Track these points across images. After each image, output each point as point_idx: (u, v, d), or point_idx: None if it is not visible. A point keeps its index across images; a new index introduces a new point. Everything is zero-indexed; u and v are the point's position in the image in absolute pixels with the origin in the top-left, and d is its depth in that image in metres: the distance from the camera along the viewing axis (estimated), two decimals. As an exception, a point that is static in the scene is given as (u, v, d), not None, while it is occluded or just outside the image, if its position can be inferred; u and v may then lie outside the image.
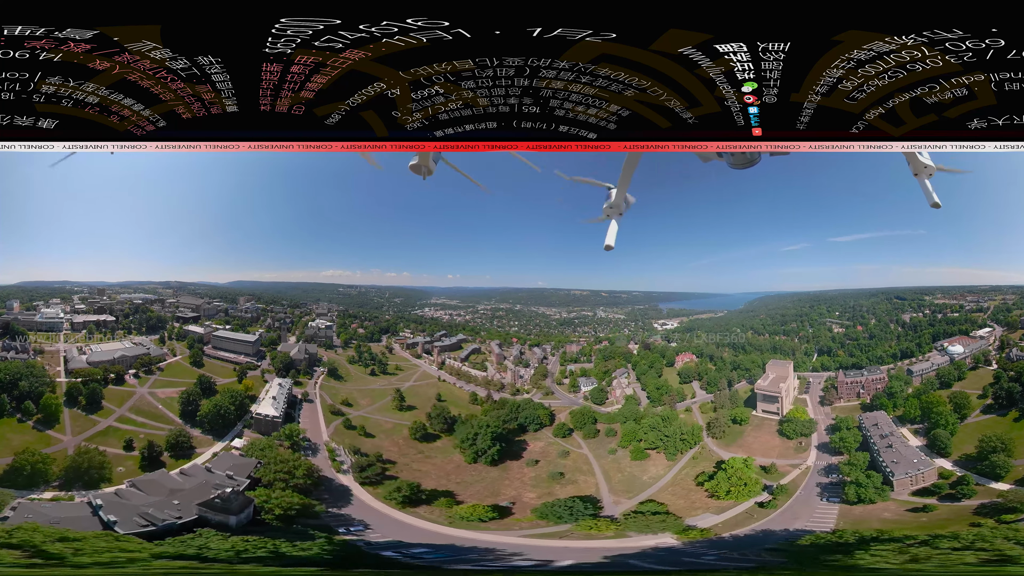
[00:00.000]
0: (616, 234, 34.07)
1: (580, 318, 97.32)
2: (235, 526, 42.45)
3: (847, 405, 69.19)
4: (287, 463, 51.71)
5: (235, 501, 43.39)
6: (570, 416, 77.80)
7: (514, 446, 70.48)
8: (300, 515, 47.36)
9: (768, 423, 71.07)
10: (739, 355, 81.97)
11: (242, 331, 75.20)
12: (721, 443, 70.14)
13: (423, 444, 66.47)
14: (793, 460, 64.11)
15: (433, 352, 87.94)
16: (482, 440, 67.00)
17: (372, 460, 59.30)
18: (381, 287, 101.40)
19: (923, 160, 32.33)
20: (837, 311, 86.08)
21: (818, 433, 66.76)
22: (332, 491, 53.35)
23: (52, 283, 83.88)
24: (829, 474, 59.83)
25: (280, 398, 61.75)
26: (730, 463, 62.30)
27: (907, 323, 78.91)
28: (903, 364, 70.95)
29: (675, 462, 67.21)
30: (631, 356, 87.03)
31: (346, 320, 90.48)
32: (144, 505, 40.49)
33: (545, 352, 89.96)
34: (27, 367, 53.19)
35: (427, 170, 34.17)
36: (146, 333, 69.51)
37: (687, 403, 78.46)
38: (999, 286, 79.66)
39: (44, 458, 44.02)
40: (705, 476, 62.90)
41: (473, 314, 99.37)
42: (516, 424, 73.93)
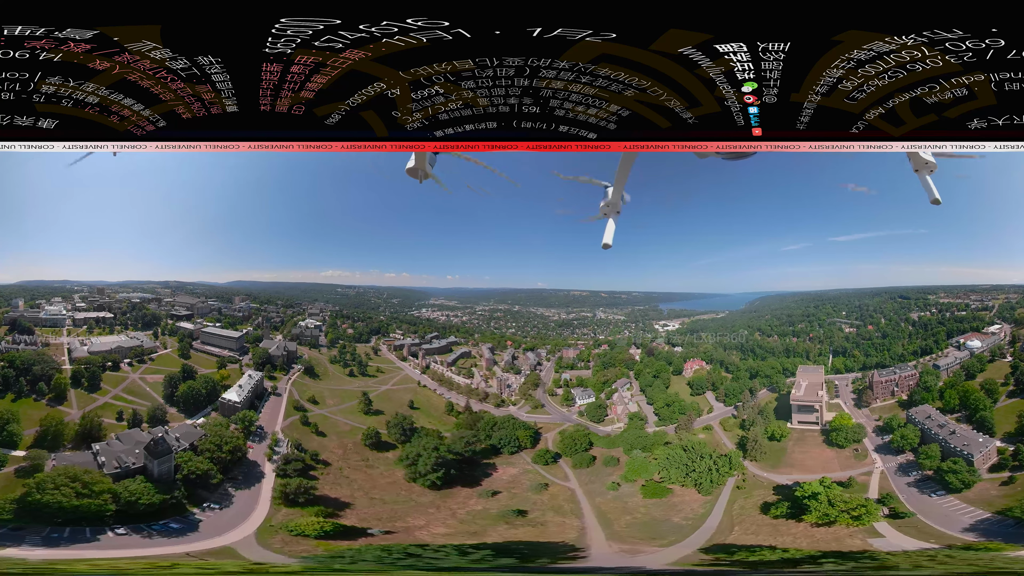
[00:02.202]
0: (614, 233, 34.10)
1: (579, 319, 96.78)
2: (156, 473, 51.67)
3: (883, 405, 68.43)
4: (221, 439, 57.78)
5: (160, 446, 53.48)
6: (559, 437, 68.26)
7: (477, 470, 62.62)
8: (200, 479, 53.57)
9: (809, 435, 65.88)
10: (754, 360, 78.45)
11: (232, 329, 79.75)
12: (765, 465, 62.35)
13: (372, 452, 64.30)
14: (860, 469, 60.85)
15: (419, 355, 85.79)
16: (423, 463, 60.69)
17: (300, 455, 60.82)
18: (379, 287, 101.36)
19: (924, 156, 32.37)
20: (844, 311, 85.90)
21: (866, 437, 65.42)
22: (248, 474, 57.74)
23: (52, 282, 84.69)
24: (908, 473, 59.54)
25: (246, 387, 67.00)
26: (809, 487, 54.89)
27: (916, 322, 79.58)
28: (925, 360, 72.59)
29: (713, 495, 58.34)
30: (633, 363, 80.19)
31: (338, 320, 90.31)
32: (122, 452, 53.21)
33: (540, 357, 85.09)
34: (38, 355, 62.40)
35: (423, 174, 34.17)
36: (142, 329, 75.98)
37: (704, 419, 70.16)
38: (1000, 285, 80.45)
39: (61, 424, 55.53)
40: (785, 508, 54.68)
41: (471, 315, 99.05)
42: (488, 444, 65.75)
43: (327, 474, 60.64)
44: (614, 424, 69.10)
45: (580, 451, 62.99)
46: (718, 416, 70.73)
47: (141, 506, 49.40)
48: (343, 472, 61.31)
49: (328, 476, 60.31)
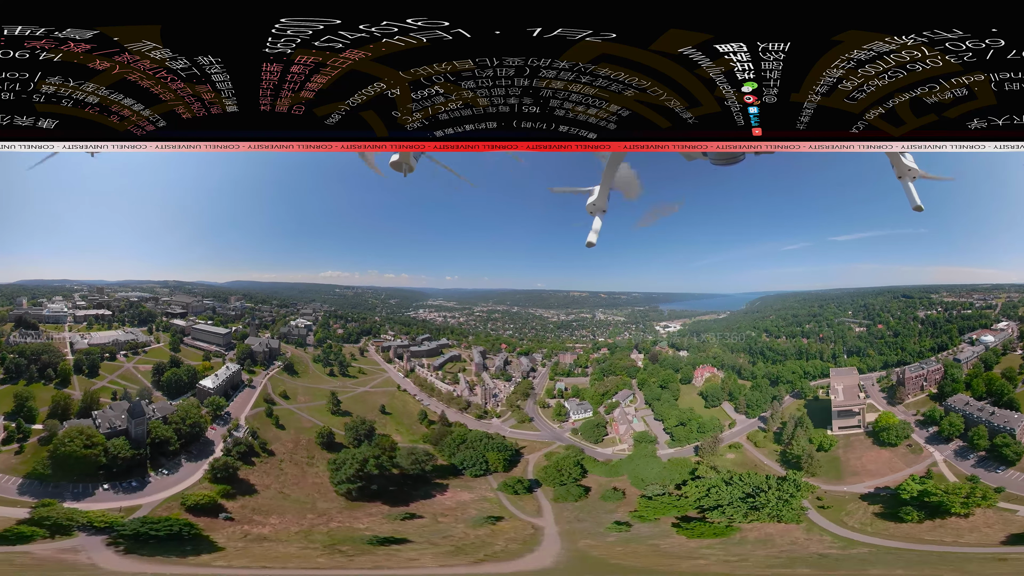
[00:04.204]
0: (599, 232, 34.06)
1: (578, 320, 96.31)
2: (133, 434, 61.14)
3: (916, 400, 70.53)
4: (187, 415, 65.54)
5: (137, 408, 63.32)
6: (545, 460, 58.53)
7: (420, 489, 58.88)
8: (160, 445, 61.86)
9: (857, 439, 65.04)
10: (765, 363, 75.54)
11: (223, 327, 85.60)
12: (828, 477, 59.63)
13: (322, 451, 65.43)
14: (923, 463, 61.85)
15: (404, 357, 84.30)
16: (344, 470, 59.31)
17: (250, 442, 65.69)
18: (378, 288, 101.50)
19: (907, 163, 32.50)
20: (850, 310, 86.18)
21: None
22: (202, 451, 65.09)
23: (52, 282, 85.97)
24: (965, 457, 63.33)
25: (222, 377, 73.78)
26: (911, 487, 54.13)
27: (924, 320, 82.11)
28: (943, 356, 76.14)
29: (799, 522, 52.09)
30: (636, 371, 73.22)
31: (331, 320, 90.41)
32: (112, 417, 63.18)
33: (534, 362, 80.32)
34: (45, 346, 71.21)
35: (408, 167, 34.11)
36: (138, 325, 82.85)
37: (728, 435, 62.83)
38: (1000, 284, 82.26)
39: (68, 400, 65.35)
40: (916, 514, 52.80)
41: (468, 316, 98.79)
42: (450, 463, 59.81)
43: (265, 463, 63.98)
44: (616, 446, 60.20)
45: (567, 481, 52.76)
46: (742, 430, 65.66)
47: (120, 461, 58.30)
48: (281, 464, 64.12)
49: (265, 465, 63.62)
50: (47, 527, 50.08)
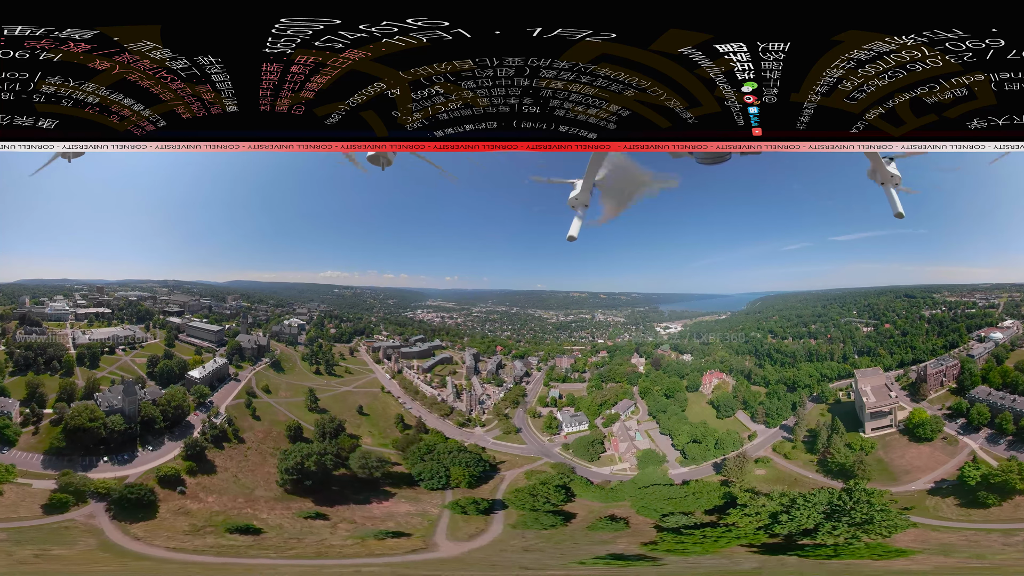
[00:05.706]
0: (580, 227, 34.31)
1: (577, 321, 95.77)
2: (127, 411, 67.51)
3: (938, 395, 71.91)
4: (171, 397, 71.09)
5: (130, 387, 69.65)
6: (524, 480, 52.11)
7: (362, 492, 59.13)
8: (148, 424, 67.82)
9: (892, 438, 65.13)
10: (772, 365, 75.60)
11: (217, 325, 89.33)
12: (884, 480, 58.68)
13: (289, 444, 68.05)
14: (963, 452, 63.16)
15: (392, 358, 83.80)
16: (287, 461, 60.37)
17: (225, 428, 70.04)
18: (377, 288, 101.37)
19: (891, 170, 32.66)
20: (855, 310, 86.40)
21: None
22: (184, 432, 69.37)
23: (52, 281, 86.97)
24: (996, 443, 65.29)
25: (209, 369, 78.66)
26: (973, 472, 55.27)
27: (930, 319, 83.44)
28: (955, 352, 77.69)
29: (893, 535, 49.17)
30: (637, 377, 66.64)
31: (326, 320, 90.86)
32: (110, 397, 69.84)
33: (529, 366, 77.04)
34: (49, 340, 77.14)
35: (386, 161, 34.17)
36: (136, 323, 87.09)
37: (751, 448, 57.12)
38: (1001, 284, 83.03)
39: (73, 387, 71.59)
40: (994, 497, 53.44)
41: (467, 317, 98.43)
42: (409, 471, 59.18)
43: (234, 448, 68.20)
44: (615, 464, 52.97)
45: (540, 507, 43.01)
46: (765, 442, 61.25)
47: (116, 435, 64.88)
48: (246, 452, 67.87)
49: (233, 450, 67.88)
50: (71, 493, 56.88)
